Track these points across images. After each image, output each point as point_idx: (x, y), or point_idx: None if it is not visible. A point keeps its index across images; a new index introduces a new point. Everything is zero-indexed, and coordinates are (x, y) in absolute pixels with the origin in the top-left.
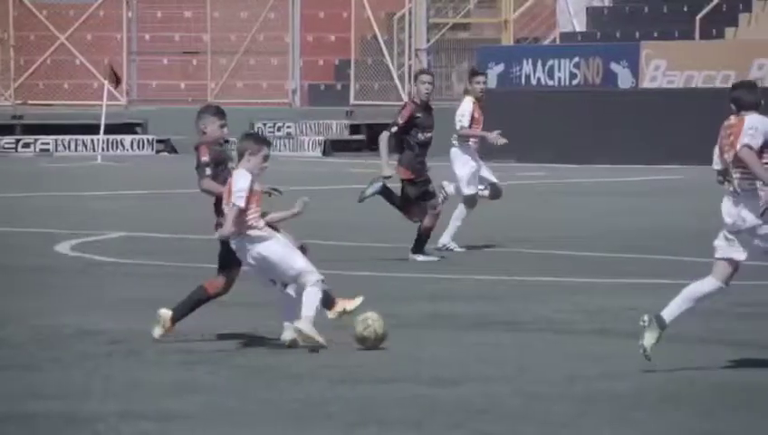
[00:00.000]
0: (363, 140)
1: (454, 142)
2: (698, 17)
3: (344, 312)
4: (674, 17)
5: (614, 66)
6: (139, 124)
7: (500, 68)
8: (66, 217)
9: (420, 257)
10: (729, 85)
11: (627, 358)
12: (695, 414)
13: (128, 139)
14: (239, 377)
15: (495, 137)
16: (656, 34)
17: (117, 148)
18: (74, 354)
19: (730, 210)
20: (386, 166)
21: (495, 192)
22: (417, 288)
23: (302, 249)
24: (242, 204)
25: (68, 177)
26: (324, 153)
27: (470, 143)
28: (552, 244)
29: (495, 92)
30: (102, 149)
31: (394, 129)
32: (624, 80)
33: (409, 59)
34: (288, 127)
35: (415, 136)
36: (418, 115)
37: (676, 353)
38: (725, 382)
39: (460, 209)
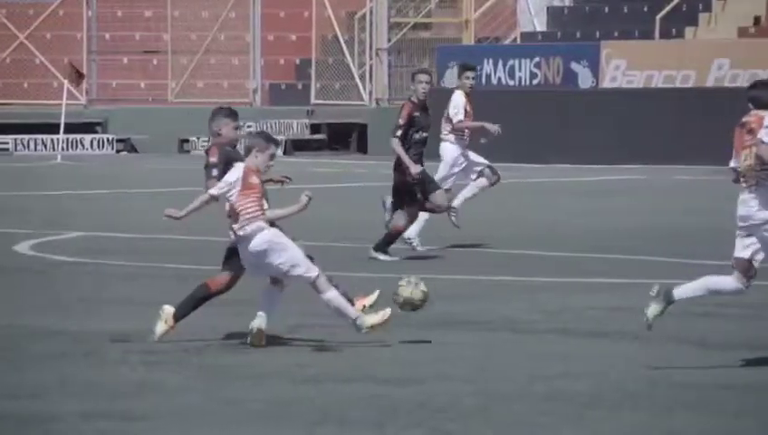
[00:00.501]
0: (324, 139)
1: (445, 137)
2: (658, 17)
3: (365, 308)
4: (634, 17)
5: (574, 66)
6: (99, 123)
7: None
8: (26, 216)
9: (382, 256)
10: (690, 85)
11: (587, 357)
12: (654, 414)
13: (88, 138)
14: (202, 377)
15: (494, 127)
16: (616, 34)
17: (77, 147)
18: (34, 355)
19: (749, 202)
20: (411, 165)
21: (494, 177)
22: (381, 288)
23: (309, 259)
24: (214, 192)
25: (28, 176)
26: (285, 153)
27: (465, 136)
28: (516, 243)
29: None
30: (62, 148)
31: (399, 132)
32: (584, 79)
33: (370, 58)
34: (249, 126)
35: (412, 136)
36: (417, 114)
37: (638, 353)
38: (686, 382)
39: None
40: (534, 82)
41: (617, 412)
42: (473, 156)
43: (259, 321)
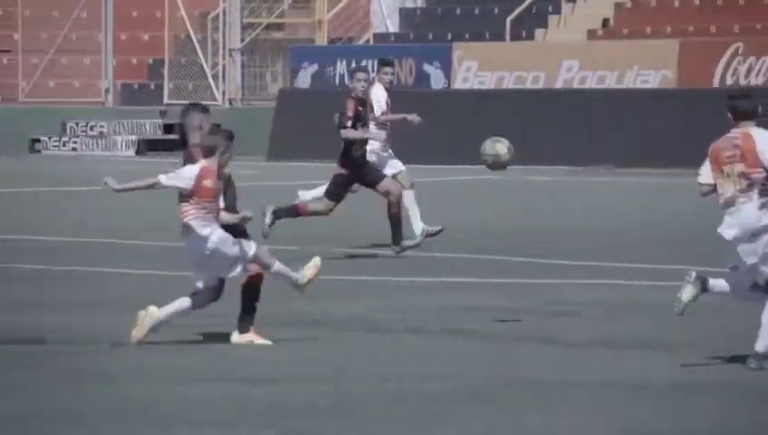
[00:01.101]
0: (177, 139)
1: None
2: (509, 19)
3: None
4: (485, 19)
5: (427, 67)
6: None
7: (314, 68)
8: None
9: (268, 219)
10: (540, 86)
11: (440, 357)
12: (505, 411)
13: None
14: (56, 378)
15: (415, 117)
16: (467, 36)
17: None
18: None
19: (745, 212)
20: (375, 134)
21: (408, 180)
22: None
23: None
24: (162, 179)
25: None
26: (138, 152)
27: (387, 129)
28: (366, 243)
29: (309, 92)
30: None
31: (348, 122)
32: (437, 80)
33: (223, 59)
34: (101, 126)
35: (357, 129)
36: (360, 108)
37: (491, 352)
38: (539, 380)
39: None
40: None
41: (469, 410)
42: (391, 154)
43: (151, 310)
